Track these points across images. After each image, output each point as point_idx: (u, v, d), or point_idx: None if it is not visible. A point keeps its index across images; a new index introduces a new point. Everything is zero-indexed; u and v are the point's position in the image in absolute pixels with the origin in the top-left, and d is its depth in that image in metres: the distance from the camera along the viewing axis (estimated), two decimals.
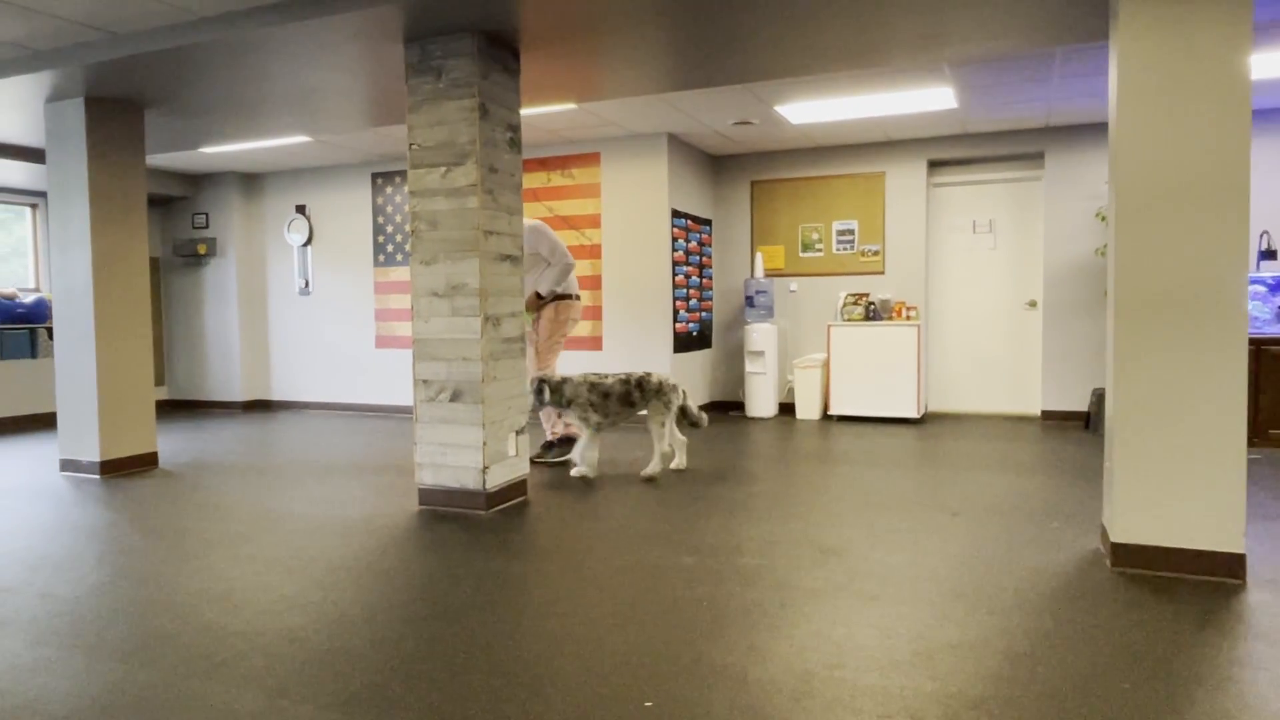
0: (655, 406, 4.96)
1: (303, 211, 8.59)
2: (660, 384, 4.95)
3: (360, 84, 4.99)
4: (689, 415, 5.13)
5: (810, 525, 3.86)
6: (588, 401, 4.91)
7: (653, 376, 4.96)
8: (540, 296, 5.44)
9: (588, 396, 4.91)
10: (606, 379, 4.95)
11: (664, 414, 4.95)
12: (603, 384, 4.93)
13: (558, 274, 5.43)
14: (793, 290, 7.90)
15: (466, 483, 4.20)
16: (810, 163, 7.74)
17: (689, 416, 5.13)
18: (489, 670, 2.35)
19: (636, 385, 4.93)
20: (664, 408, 4.95)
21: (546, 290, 5.43)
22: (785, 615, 2.73)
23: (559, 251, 5.46)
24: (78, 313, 5.27)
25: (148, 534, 3.89)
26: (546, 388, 4.94)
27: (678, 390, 5.03)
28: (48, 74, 4.63)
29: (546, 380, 4.98)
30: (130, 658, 2.48)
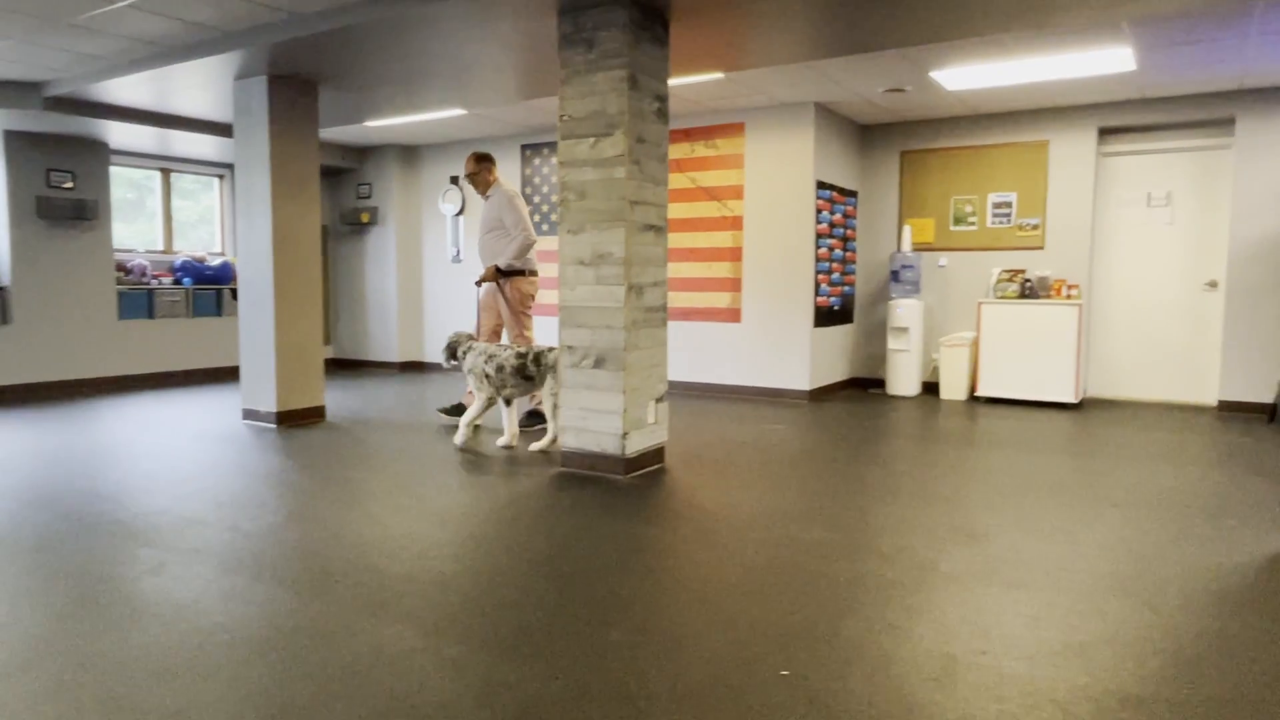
0: (551, 383, 4.84)
1: (456, 182, 8.96)
2: (557, 360, 4.77)
3: (513, 58, 5.14)
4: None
5: (954, 508, 3.74)
6: (483, 372, 4.93)
7: (550, 352, 4.86)
8: (500, 270, 5.46)
9: (483, 368, 4.92)
10: (503, 351, 4.92)
11: (552, 389, 4.81)
12: (498, 356, 4.90)
13: (516, 249, 5.43)
14: (941, 265, 7.58)
15: (607, 447, 4.32)
16: (966, 131, 7.37)
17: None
18: (628, 628, 2.43)
19: (533, 360, 4.85)
20: (553, 383, 4.80)
21: (505, 264, 5.45)
22: (926, 597, 2.67)
23: (522, 225, 5.46)
24: (259, 275, 5.74)
25: (318, 480, 4.22)
26: (454, 350, 5.08)
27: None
28: (236, 54, 5.02)
29: (456, 344, 5.09)
30: (304, 591, 2.72)
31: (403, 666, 2.18)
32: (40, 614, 2.52)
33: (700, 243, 7.52)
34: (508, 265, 5.46)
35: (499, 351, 4.93)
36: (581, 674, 2.14)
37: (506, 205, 5.49)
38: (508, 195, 5.52)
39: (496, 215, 5.51)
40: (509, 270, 5.48)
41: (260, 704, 1.98)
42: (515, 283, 5.53)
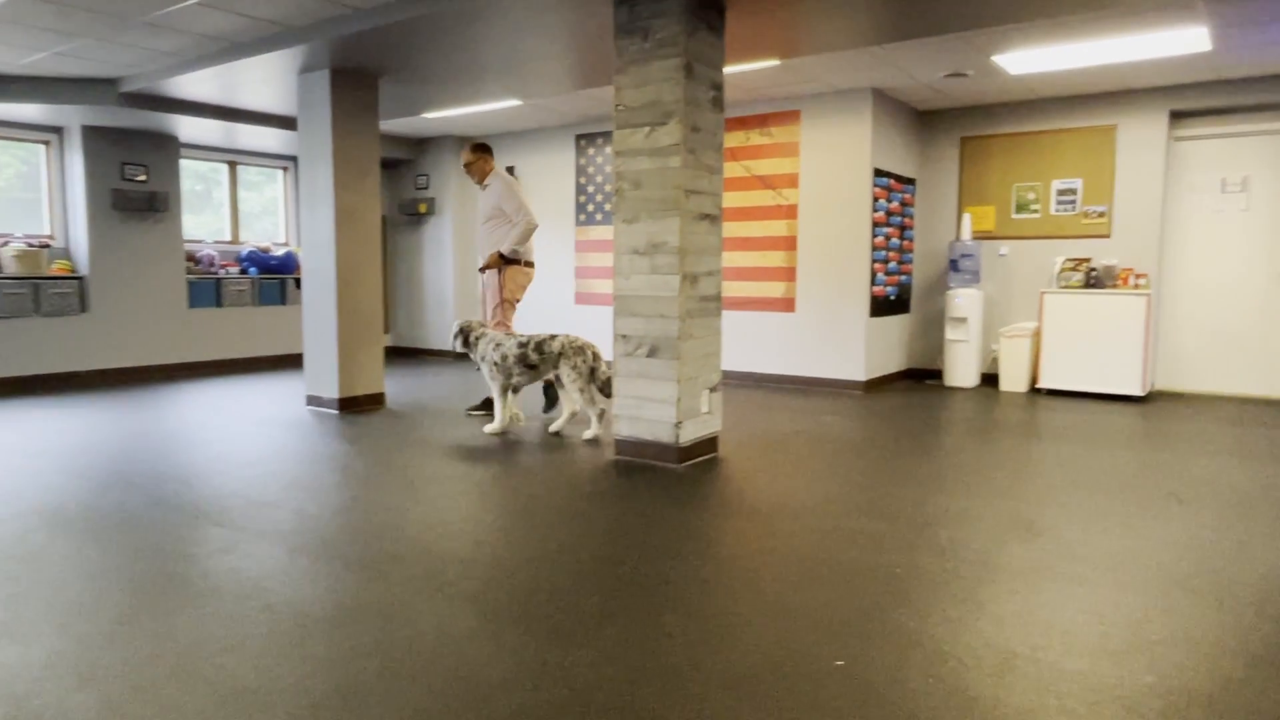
0: (563, 370, 4.88)
1: (512, 172, 9.05)
2: (563, 348, 4.87)
3: (570, 48, 5.17)
4: (596, 379, 4.96)
5: (1013, 501, 3.67)
6: (492, 362, 4.97)
7: (555, 340, 4.90)
8: (503, 257, 5.46)
9: (492, 356, 4.96)
10: (509, 340, 4.97)
11: (570, 376, 4.87)
12: (504, 345, 4.95)
13: (520, 234, 5.41)
14: (1002, 254, 7.41)
15: (660, 436, 4.34)
16: (1029, 116, 7.18)
17: (596, 380, 4.96)
18: (682, 614, 2.45)
19: (535, 348, 4.90)
20: (570, 370, 4.86)
21: (508, 250, 5.44)
22: (984, 591, 2.64)
23: (523, 212, 5.42)
24: (321, 265, 5.89)
25: (378, 465, 4.32)
26: (468, 336, 5.07)
27: (585, 353, 4.91)
28: (300, 48, 5.14)
29: (468, 330, 5.08)
30: (367, 571, 2.79)
31: (462, 647, 2.23)
32: (120, 589, 2.64)
33: (754, 232, 7.48)
34: (511, 251, 5.46)
35: (504, 340, 5.01)
36: (635, 658, 2.16)
37: (506, 193, 5.48)
38: (506, 183, 5.52)
39: (495, 204, 5.52)
40: (509, 257, 5.48)
41: (327, 679, 2.05)
42: (510, 272, 5.53)
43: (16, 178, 7.39)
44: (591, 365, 4.93)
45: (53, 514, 3.43)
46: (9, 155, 7.31)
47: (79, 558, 2.92)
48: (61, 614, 2.44)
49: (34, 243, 7.16)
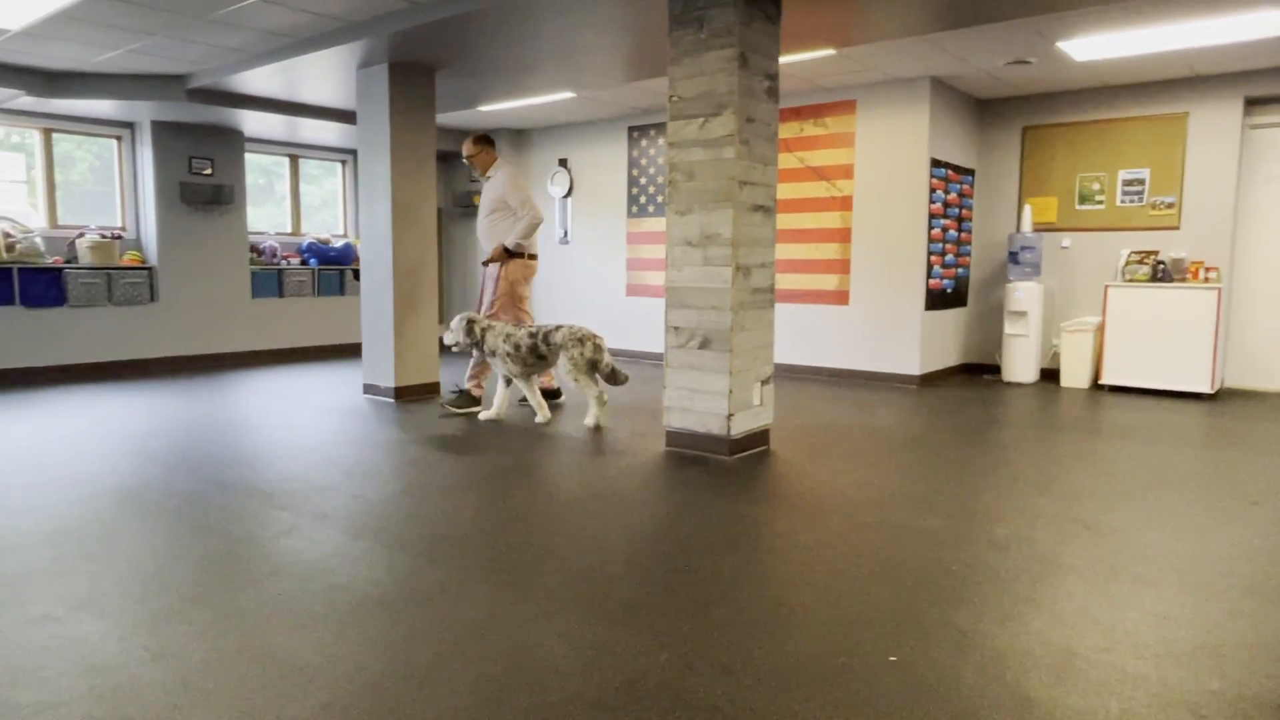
0: (561, 359, 4.96)
1: (564, 165, 9.10)
2: (564, 339, 4.94)
3: (624, 39, 5.17)
4: (599, 369, 5.01)
5: (1074, 500, 3.58)
6: (505, 353, 5.00)
7: (559, 330, 4.97)
8: (508, 251, 5.42)
9: (504, 348, 4.99)
10: (519, 331, 5.02)
11: (565, 367, 4.94)
12: (514, 336, 4.99)
13: (525, 229, 5.37)
14: (1064, 246, 7.22)
15: (712, 428, 4.33)
16: (1094, 104, 6.97)
17: (599, 369, 5.01)
18: (734, 606, 2.45)
19: (543, 339, 4.96)
20: (567, 361, 4.93)
21: (513, 244, 5.39)
22: (1044, 590, 2.58)
23: (528, 206, 5.37)
24: (379, 256, 6.00)
25: (433, 453, 4.40)
26: (477, 329, 5.06)
27: (586, 343, 4.95)
28: (360, 43, 5.24)
29: (477, 321, 5.08)
30: (424, 556, 2.85)
31: (516, 631, 2.26)
32: (188, 568, 2.73)
33: (807, 224, 7.40)
34: (515, 245, 5.45)
35: (514, 332, 5.05)
36: (686, 648, 2.17)
37: (511, 185, 5.46)
38: (510, 176, 5.50)
39: (499, 196, 5.50)
40: (514, 250, 5.47)
41: (385, 659, 2.10)
42: (514, 265, 5.53)
43: (90, 171, 7.67)
44: (592, 357, 4.98)
45: (125, 494, 3.57)
46: (84, 150, 7.60)
47: (150, 537, 3.03)
48: (135, 589, 2.54)
49: (107, 234, 7.44)
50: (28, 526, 3.14)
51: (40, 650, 2.14)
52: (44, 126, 7.18)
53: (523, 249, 5.53)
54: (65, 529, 3.11)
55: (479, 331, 5.09)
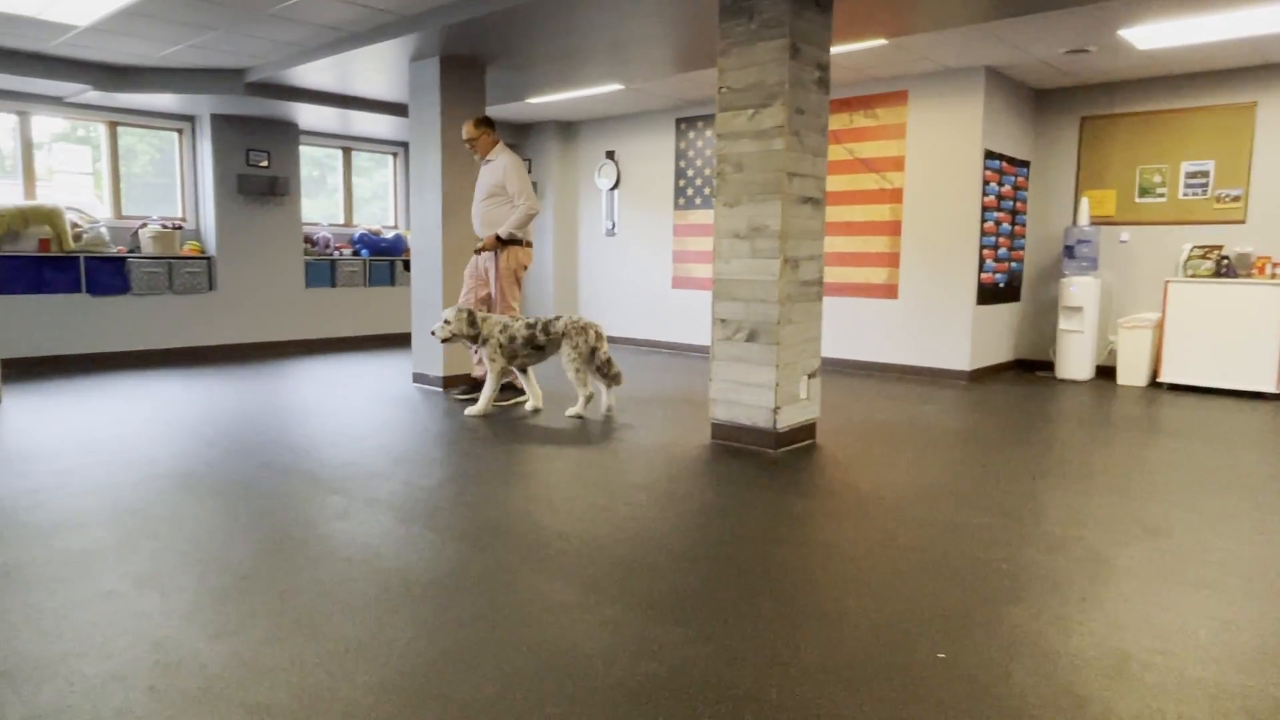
0: (563, 349, 4.96)
1: (611, 157, 9.12)
2: (566, 328, 4.92)
3: (673, 30, 5.15)
4: (596, 359, 5.00)
5: (1131, 500, 3.50)
6: (498, 343, 4.94)
7: (559, 320, 4.96)
8: (500, 239, 5.32)
9: (498, 338, 4.93)
10: (516, 322, 4.98)
11: (568, 355, 4.95)
12: (511, 327, 4.95)
13: (520, 219, 5.27)
14: (1123, 240, 7.03)
15: (758, 421, 4.32)
16: (1157, 94, 6.76)
17: (596, 362, 5.00)
18: (779, 600, 2.44)
19: (542, 329, 4.93)
20: (570, 350, 4.94)
21: (506, 233, 5.30)
22: (1097, 590, 2.53)
23: (526, 195, 5.27)
24: (429, 247, 6.08)
25: (480, 441, 4.45)
26: (475, 322, 4.98)
27: (587, 334, 4.94)
28: (412, 37, 5.31)
29: (474, 311, 5.00)
30: (472, 542, 2.89)
31: (563, 619, 2.29)
32: (246, 549, 2.81)
33: (856, 216, 7.32)
34: (508, 235, 5.32)
35: (511, 323, 5.01)
36: (732, 640, 2.17)
37: (513, 171, 5.33)
38: (512, 161, 5.37)
39: (498, 181, 5.36)
40: (508, 239, 5.35)
41: (435, 641, 2.14)
42: (511, 252, 5.39)
43: (151, 164, 7.90)
44: (592, 346, 5.00)
45: (186, 477, 3.68)
46: (145, 143, 7.82)
47: (209, 517, 3.12)
48: (196, 568, 2.62)
49: (168, 224, 7.65)
50: (94, 505, 3.25)
51: (107, 624, 2.22)
52: (109, 120, 7.41)
53: (525, 234, 5.41)
54: (129, 508, 3.22)
55: (479, 323, 5.01)
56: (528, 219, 5.33)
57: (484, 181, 5.48)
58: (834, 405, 5.61)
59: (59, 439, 4.38)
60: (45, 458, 3.98)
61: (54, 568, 2.61)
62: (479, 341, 5.03)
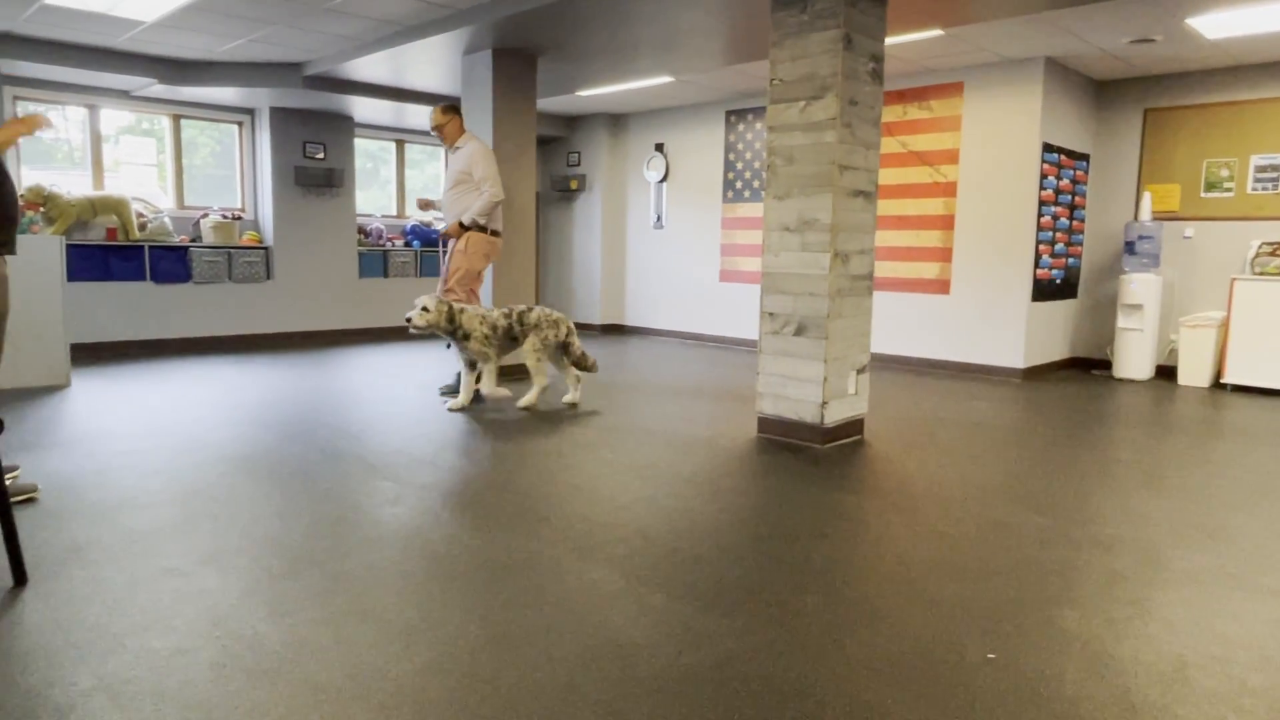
0: (532, 341, 4.94)
1: (661, 149, 9.11)
2: (540, 319, 4.92)
3: (724, 22, 5.13)
4: (570, 353, 5.00)
5: (1190, 503, 3.40)
6: (482, 335, 4.87)
7: (533, 311, 4.96)
8: (463, 225, 5.24)
9: (482, 330, 4.87)
10: (494, 313, 4.92)
11: (534, 345, 4.93)
12: (490, 317, 4.89)
13: (483, 206, 5.19)
14: (1187, 236, 6.81)
15: (805, 416, 4.29)
16: (1226, 85, 6.53)
17: (570, 354, 5.00)
18: (825, 595, 2.43)
19: (517, 319, 4.90)
20: (538, 341, 4.92)
21: (469, 220, 5.22)
22: (1155, 594, 2.47)
23: (490, 182, 5.19)
24: None
25: (528, 431, 4.50)
26: (453, 315, 4.83)
27: (558, 328, 4.93)
28: (465, 30, 5.36)
29: (450, 307, 4.84)
30: (519, 529, 2.93)
31: (609, 607, 2.31)
32: (301, 531, 2.89)
33: (908, 210, 7.21)
34: (471, 221, 5.25)
35: (489, 314, 4.94)
36: (778, 633, 2.17)
37: (480, 158, 5.26)
38: (479, 148, 5.31)
39: (464, 168, 5.31)
40: (470, 226, 5.28)
41: (484, 625, 2.18)
42: (472, 239, 5.29)
43: (212, 155, 8.11)
44: (564, 340, 5.00)
45: (244, 460, 3.79)
46: (206, 135, 8.03)
47: (266, 500, 3.21)
48: (253, 548, 2.70)
49: (228, 215, 7.86)
50: (157, 486, 3.37)
51: (170, 601, 2.30)
52: (173, 113, 7.63)
53: (491, 223, 5.35)
54: (190, 490, 3.33)
55: (456, 316, 4.85)
56: (491, 206, 5.26)
57: (452, 168, 5.44)
58: (883, 401, 5.54)
59: (124, 421, 4.53)
60: (111, 439, 4.13)
61: (120, 545, 2.72)
62: (457, 336, 4.89)
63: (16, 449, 3.89)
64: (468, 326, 4.87)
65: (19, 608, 2.25)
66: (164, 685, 1.86)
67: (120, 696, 1.82)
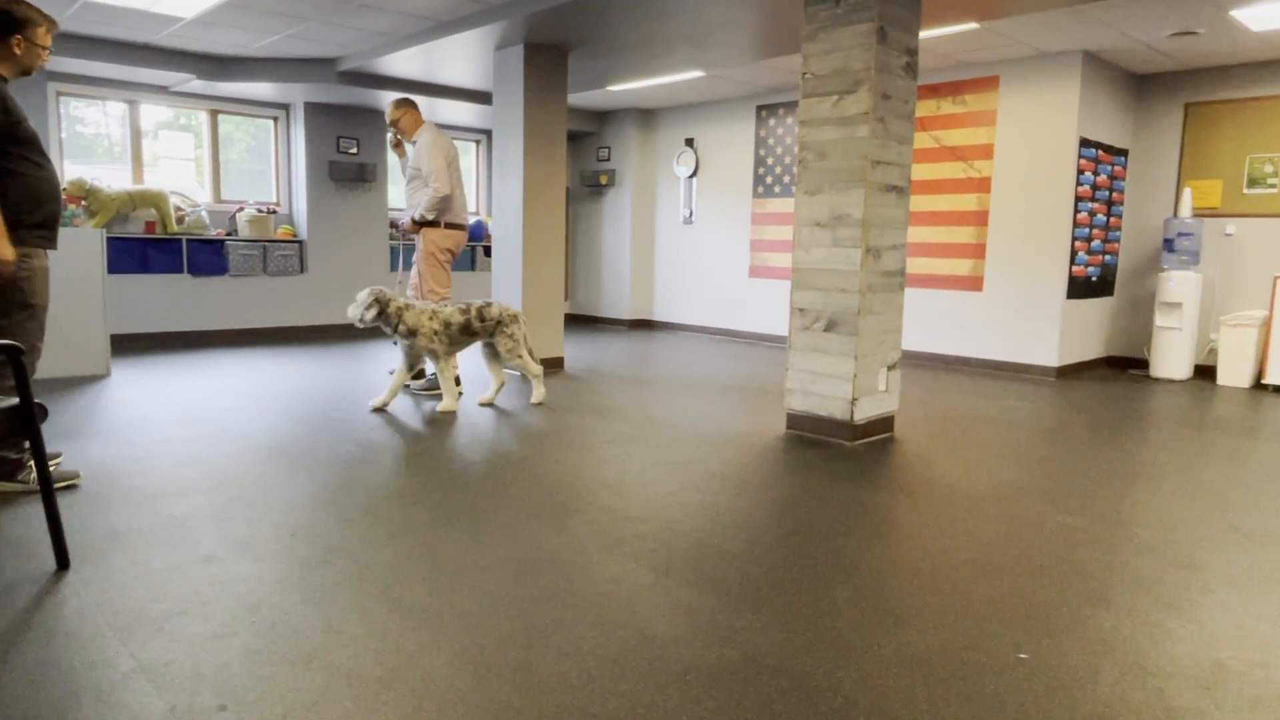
0: (499, 337, 4.87)
1: (691, 145, 9.09)
2: (501, 315, 4.85)
3: (757, 15, 5.10)
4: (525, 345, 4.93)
5: (1229, 506, 3.33)
6: (431, 331, 4.77)
7: (492, 306, 4.86)
8: (415, 222, 5.23)
9: (430, 326, 4.76)
10: (446, 308, 4.83)
11: (507, 345, 4.87)
12: (442, 313, 4.80)
13: (428, 204, 5.14)
14: (1229, 233, 6.67)
15: (834, 412, 4.26)
16: (1270, 79, 6.37)
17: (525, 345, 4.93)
18: (853, 593, 2.42)
19: (477, 314, 4.83)
20: (508, 339, 4.86)
21: (419, 216, 5.19)
22: (1191, 598, 2.43)
23: (435, 175, 5.11)
24: (510, 233, 6.18)
25: (557, 424, 4.52)
26: (385, 308, 4.66)
27: (519, 321, 4.87)
28: (497, 25, 5.39)
29: (385, 301, 4.66)
30: (547, 523, 2.95)
31: (637, 601, 2.31)
32: (333, 520, 2.93)
33: (941, 206, 7.13)
34: (420, 218, 5.21)
35: (441, 309, 4.82)
36: (806, 629, 2.16)
37: (424, 152, 5.18)
38: (429, 143, 5.19)
39: (416, 164, 5.27)
40: (423, 222, 5.23)
41: (513, 616, 2.19)
42: (427, 235, 5.26)
43: (247, 150, 8.22)
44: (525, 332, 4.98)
45: (278, 450, 3.85)
46: (241, 130, 8.15)
47: (299, 489, 3.26)
48: (286, 536, 2.74)
49: (263, 209, 7.97)
50: (194, 475, 3.43)
51: (207, 587, 2.35)
52: (210, 108, 7.75)
53: (453, 216, 5.29)
54: (226, 479, 3.39)
55: (394, 312, 4.68)
56: (435, 202, 5.16)
57: (409, 164, 5.40)
58: (914, 398, 5.49)
59: (162, 411, 4.62)
60: (149, 428, 4.21)
61: (159, 532, 2.77)
62: (399, 332, 4.73)
63: (59, 437, 3.98)
64: (412, 323, 4.72)
65: (62, 591, 2.30)
66: (201, 669, 1.90)
67: (159, 679, 1.86)
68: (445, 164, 5.20)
